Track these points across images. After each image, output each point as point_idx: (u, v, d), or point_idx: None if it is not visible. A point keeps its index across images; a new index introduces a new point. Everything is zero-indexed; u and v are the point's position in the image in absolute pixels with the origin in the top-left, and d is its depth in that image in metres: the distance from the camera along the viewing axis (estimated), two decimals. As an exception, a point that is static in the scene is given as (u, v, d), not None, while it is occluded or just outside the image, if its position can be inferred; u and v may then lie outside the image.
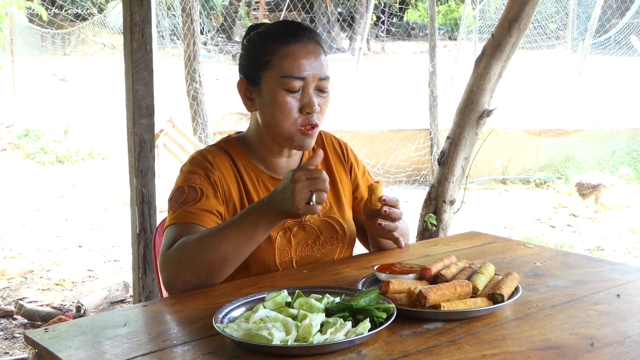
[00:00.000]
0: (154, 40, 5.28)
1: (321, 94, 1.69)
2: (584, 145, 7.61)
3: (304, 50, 1.66)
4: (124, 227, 5.57)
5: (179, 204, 1.63)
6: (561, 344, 1.21)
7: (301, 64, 1.65)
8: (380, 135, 7.57)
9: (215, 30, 20.31)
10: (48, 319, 3.61)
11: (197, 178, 1.67)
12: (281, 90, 1.65)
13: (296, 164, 1.81)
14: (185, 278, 1.53)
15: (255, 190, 1.73)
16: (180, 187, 1.67)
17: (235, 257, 1.54)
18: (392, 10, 18.96)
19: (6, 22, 10.31)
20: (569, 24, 15.38)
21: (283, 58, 1.65)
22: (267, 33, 1.71)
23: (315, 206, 1.47)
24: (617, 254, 4.97)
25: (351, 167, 1.92)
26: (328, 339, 1.18)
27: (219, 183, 1.68)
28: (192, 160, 1.73)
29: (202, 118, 7.25)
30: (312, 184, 1.46)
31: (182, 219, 1.61)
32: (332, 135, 1.95)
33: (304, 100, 1.66)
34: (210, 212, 1.63)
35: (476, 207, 6.32)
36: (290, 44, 1.66)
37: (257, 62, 1.69)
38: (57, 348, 1.22)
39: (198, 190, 1.65)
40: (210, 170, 1.68)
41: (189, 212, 1.61)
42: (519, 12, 3.10)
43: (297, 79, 1.64)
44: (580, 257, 1.85)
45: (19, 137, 9.77)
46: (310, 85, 1.66)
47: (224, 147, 1.77)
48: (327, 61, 1.72)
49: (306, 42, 1.68)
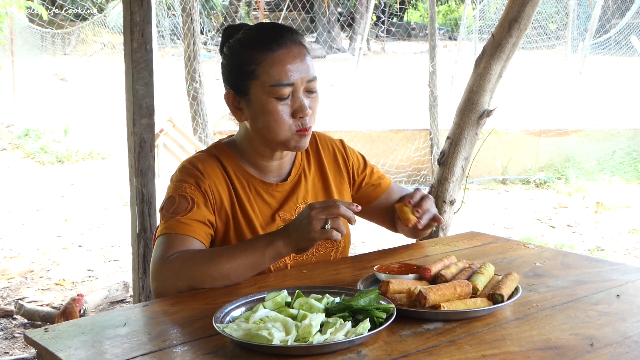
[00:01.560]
0: (154, 40, 5.28)
1: (310, 94, 1.68)
2: (584, 145, 7.60)
3: (289, 55, 1.64)
4: (124, 227, 5.57)
5: (170, 214, 1.63)
6: (561, 344, 1.21)
7: (288, 70, 1.63)
8: (380, 135, 7.57)
9: (215, 30, 20.32)
10: (48, 318, 3.61)
11: (187, 187, 1.66)
12: (271, 99, 1.63)
13: (288, 167, 1.80)
14: (180, 289, 1.53)
15: (246, 196, 1.72)
16: (172, 197, 1.66)
17: (236, 279, 1.55)
18: (392, 10, 18.97)
19: (6, 21, 10.30)
20: (569, 24, 15.40)
21: (269, 66, 1.63)
22: (249, 40, 1.68)
23: (331, 231, 1.49)
24: (617, 254, 4.97)
25: (352, 163, 1.91)
26: (328, 339, 1.18)
27: (209, 192, 1.67)
28: (182, 169, 1.71)
29: (202, 118, 7.25)
30: (328, 211, 1.49)
31: (174, 230, 1.60)
32: (328, 136, 1.94)
33: (295, 105, 1.65)
34: (201, 223, 1.63)
35: (476, 207, 6.32)
36: (275, 51, 1.63)
37: (242, 72, 1.66)
38: (56, 348, 1.22)
39: (189, 199, 1.64)
40: (201, 179, 1.67)
41: (181, 223, 1.61)
42: (519, 12, 3.10)
43: (286, 86, 1.63)
44: (580, 258, 1.85)
45: (19, 137, 9.77)
46: (300, 89, 1.65)
47: (214, 153, 1.75)
48: (311, 61, 1.70)
49: (290, 45, 1.65)
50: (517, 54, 3.24)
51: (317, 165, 1.86)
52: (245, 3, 19.89)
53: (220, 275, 1.52)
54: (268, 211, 1.75)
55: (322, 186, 1.85)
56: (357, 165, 1.92)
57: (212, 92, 7.25)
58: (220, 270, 1.52)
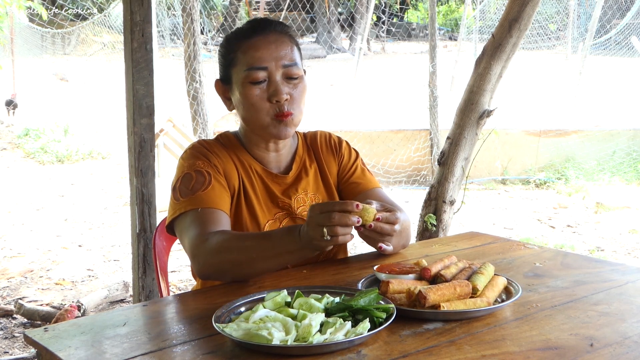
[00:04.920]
0: (154, 39, 5.28)
1: (291, 81, 1.70)
2: (584, 145, 7.60)
3: (264, 41, 1.69)
4: (124, 227, 5.57)
5: (190, 190, 1.65)
6: (561, 345, 1.21)
7: (262, 54, 1.67)
8: (380, 135, 7.57)
9: (215, 30, 20.33)
10: (48, 318, 3.61)
11: (200, 163, 1.70)
12: (247, 84, 1.68)
13: (287, 160, 1.83)
14: (220, 275, 1.56)
15: (249, 180, 1.76)
16: (187, 174, 1.68)
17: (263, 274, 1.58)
18: (392, 10, 18.98)
19: (6, 21, 10.31)
20: (569, 24, 15.41)
21: (245, 52, 1.69)
22: (234, 32, 1.76)
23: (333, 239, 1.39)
24: (617, 255, 4.97)
25: (342, 158, 1.91)
26: (328, 339, 1.18)
27: (220, 167, 1.71)
28: (192, 147, 1.76)
29: (202, 118, 7.24)
30: (326, 218, 1.39)
31: (200, 204, 1.62)
32: (330, 133, 1.95)
33: (270, 89, 1.68)
34: (223, 194, 1.66)
35: (476, 207, 6.32)
36: (252, 38, 1.70)
37: (225, 62, 1.75)
38: (56, 347, 1.22)
39: (205, 173, 1.67)
40: (211, 156, 1.73)
41: (204, 197, 1.63)
42: (520, 13, 3.10)
43: (259, 70, 1.67)
44: (580, 258, 1.85)
45: (19, 137, 9.77)
46: (275, 74, 1.68)
47: (221, 140, 1.81)
48: (295, 50, 1.73)
49: (267, 33, 1.70)
50: (517, 54, 3.24)
51: (317, 161, 1.88)
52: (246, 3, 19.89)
53: (254, 272, 1.56)
54: (268, 196, 1.78)
55: (322, 181, 1.87)
56: (346, 160, 1.91)
57: (212, 92, 7.24)
58: (254, 269, 1.55)
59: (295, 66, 1.70)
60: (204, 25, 13.21)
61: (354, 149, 1.96)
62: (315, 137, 1.91)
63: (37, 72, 13.03)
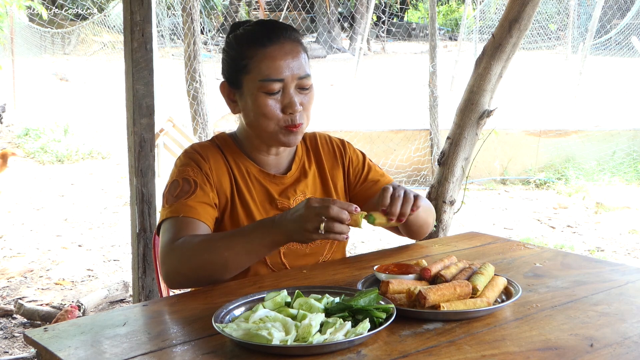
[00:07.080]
0: (154, 39, 5.28)
1: (303, 91, 1.70)
2: (584, 146, 7.60)
3: (280, 51, 1.67)
4: (124, 227, 5.57)
5: (174, 197, 1.66)
6: (561, 345, 1.21)
7: (279, 65, 1.65)
8: (380, 135, 7.57)
9: (215, 30, 20.33)
10: (48, 318, 3.61)
11: (190, 170, 1.70)
12: (261, 94, 1.66)
13: (286, 162, 1.83)
14: (185, 274, 1.55)
15: (245, 183, 1.76)
16: (175, 181, 1.69)
17: (234, 266, 1.55)
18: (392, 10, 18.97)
19: (6, 21, 10.31)
20: (569, 24, 15.40)
21: (260, 61, 1.66)
22: (244, 35, 1.72)
23: (326, 234, 1.42)
24: (617, 255, 4.97)
25: (350, 161, 1.91)
26: (327, 339, 1.18)
27: (210, 175, 1.71)
28: (185, 153, 1.77)
29: (202, 118, 7.24)
30: (322, 213, 1.42)
31: (179, 212, 1.62)
32: (330, 136, 1.95)
33: (284, 101, 1.67)
34: (206, 204, 1.66)
35: (476, 207, 6.32)
36: (267, 47, 1.67)
37: (236, 66, 1.71)
38: (56, 347, 1.22)
39: (192, 182, 1.67)
40: (202, 162, 1.72)
41: (186, 206, 1.63)
42: (520, 13, 3.10)
43: (276, 82, 1.66)
44: (580, 258, 1.84)
45: (19, 137, 9.76)
46: (290, 86, 1.67)
47: (217, 142, 1.80)
48: (306, 59, 1.72)
49: (282, 42, 1.68)
50: (517, 54, 3.24)
51: (317, 164, 1.88)
52: (246, 3, 19.88)
53: (220, 262, 1.53)
54: (266, 198, 1.77)
55: (321, 183, 1.87)
56: (355, 162, 1.91)
57: (212, 92, 7.24)
58: (219, 258, 1.52)
59: (308, 77, 1.70)
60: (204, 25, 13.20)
61: (357, 149, 1.96)
62: (315, 139, 1.90)
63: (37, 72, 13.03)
